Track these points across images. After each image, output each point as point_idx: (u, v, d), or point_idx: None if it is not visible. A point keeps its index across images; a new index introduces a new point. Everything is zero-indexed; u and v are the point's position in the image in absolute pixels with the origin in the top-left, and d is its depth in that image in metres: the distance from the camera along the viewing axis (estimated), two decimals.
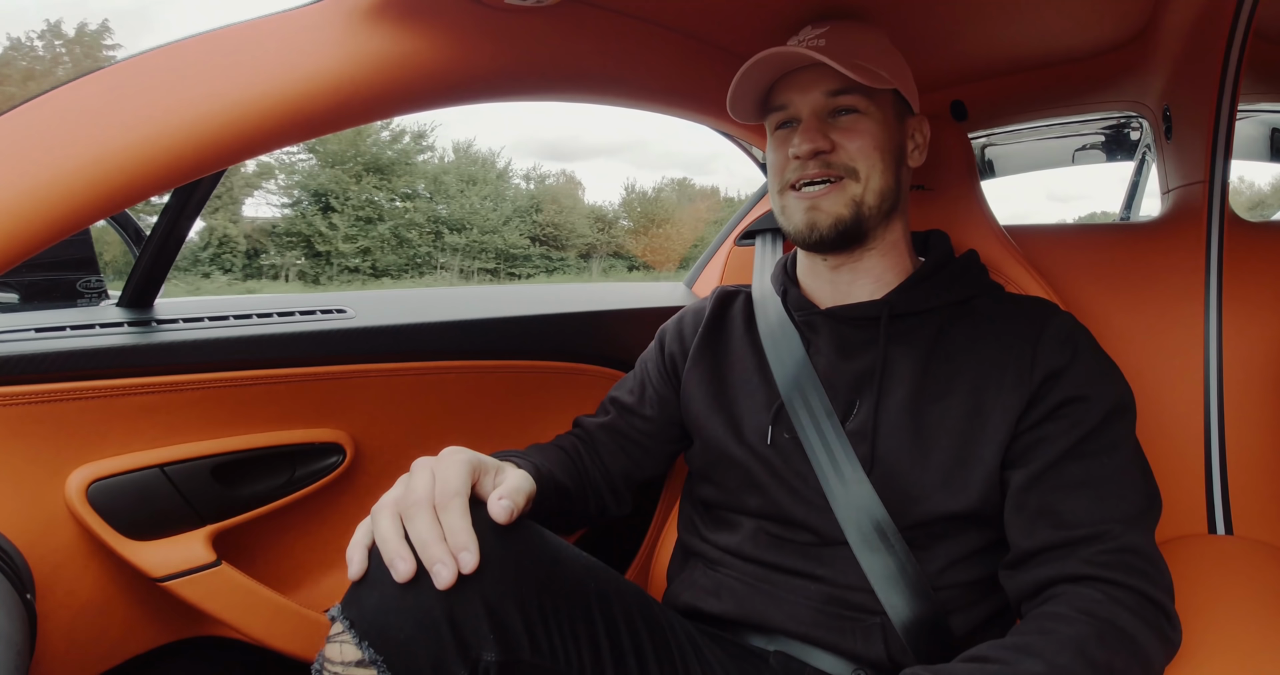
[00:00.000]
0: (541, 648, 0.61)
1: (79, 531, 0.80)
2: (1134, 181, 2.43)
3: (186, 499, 0.85)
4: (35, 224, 0.60)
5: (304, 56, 0.67)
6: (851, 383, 0.83)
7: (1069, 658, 0.59)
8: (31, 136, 0.61)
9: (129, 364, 0.80)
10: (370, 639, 0.56)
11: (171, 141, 0.63)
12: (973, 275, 0.88)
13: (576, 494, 0.87)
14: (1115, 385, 0.77)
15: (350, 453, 0.97)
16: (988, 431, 0.75)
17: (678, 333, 0.99)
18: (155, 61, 0.64)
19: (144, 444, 0.83)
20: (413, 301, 1.14)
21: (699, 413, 0.91)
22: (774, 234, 1.12)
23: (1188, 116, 1.16)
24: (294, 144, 0.70)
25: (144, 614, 0.86)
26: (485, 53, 0.78)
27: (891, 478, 0.77)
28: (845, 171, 0.82)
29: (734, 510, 0.88)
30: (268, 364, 0.89)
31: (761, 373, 0.89)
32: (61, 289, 2.41)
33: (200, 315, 0.90)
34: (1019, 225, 1.19)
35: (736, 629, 0.83)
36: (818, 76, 0.82)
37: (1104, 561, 0.66)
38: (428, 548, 0.57)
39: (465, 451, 0.65)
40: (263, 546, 0.94)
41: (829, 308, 0.88)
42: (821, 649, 0.78)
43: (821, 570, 0.79)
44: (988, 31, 1.07)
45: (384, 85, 0.71)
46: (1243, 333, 1.03)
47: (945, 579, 0.76)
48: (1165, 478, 0.77)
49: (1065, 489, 0.71)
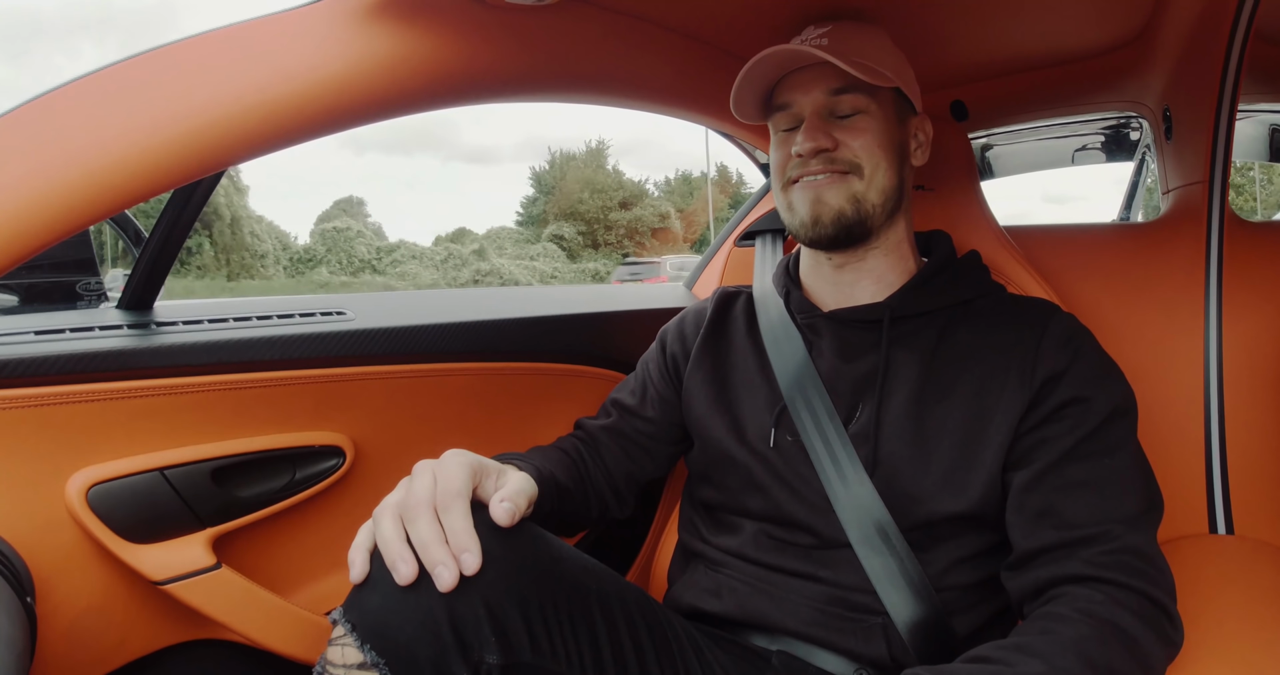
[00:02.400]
0: (543, 650, 0.61)
1: (79, 535, 0.79)
2: (1134, 182, 2.44)
3: (186, 502, 0.84)
4: (35, 226, 0.59)
5: (304, 56, 0.67)
6: (854, 385, 0.83)
7: (1070, 659, 0.59)
8: (31, 137, 0.60)
9: (128, 366, 0.80)
10: (372, 641, 0.56)
11: (171, 142, 0.63)
12: (975, 277, 0.88)
13: (578, 496, 0.87)
14: (1117, 386, 0.77)
15: (350, 455, 0.97)
16: (989, 433, 0.75)
17: (679, 334, 0.99)
18: (155, 62, 0.64)
19: (144, 447, 0.83)
20: (412, 303, 1.13)
21: (701, 414, 0.91)
22: (774, 235, 1.12)
23: (1188, 117, 1.16)
24: (294, 144, 0.70)
25: (144, 617, 0.86)
26: (485, 52, 0.78)
27: (893, 479, 0.77)
28: (849, 167, 0.82)
29: (735, 512, 0.87)
30: (268, 366, 0.89)
31: (764, 374, 0.89)
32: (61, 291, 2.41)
33: (200, 318, 0.89)
34: (1019, 225, 1.19)
35: (738, 629, 0.83)
36: (821, 75, 0.82)
37: (1105, 562, 0.66)
38: (429, 550, 0.57)
39: (466, 454, 0.65)
40: (263, 549, 0.94)
41: (831, 310, 0.88)
42: (824, 648, 0.77)
43: (823, 572, 0.79)
44: (988, 31, 1.07)
45: (384, 85, 0.71)
46: (1243, 333, 1.03)
47: (947, 580, 0.76)
48: (1165, 478, 0.77)
49: (1067, 489, 0.71)
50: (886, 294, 0.86)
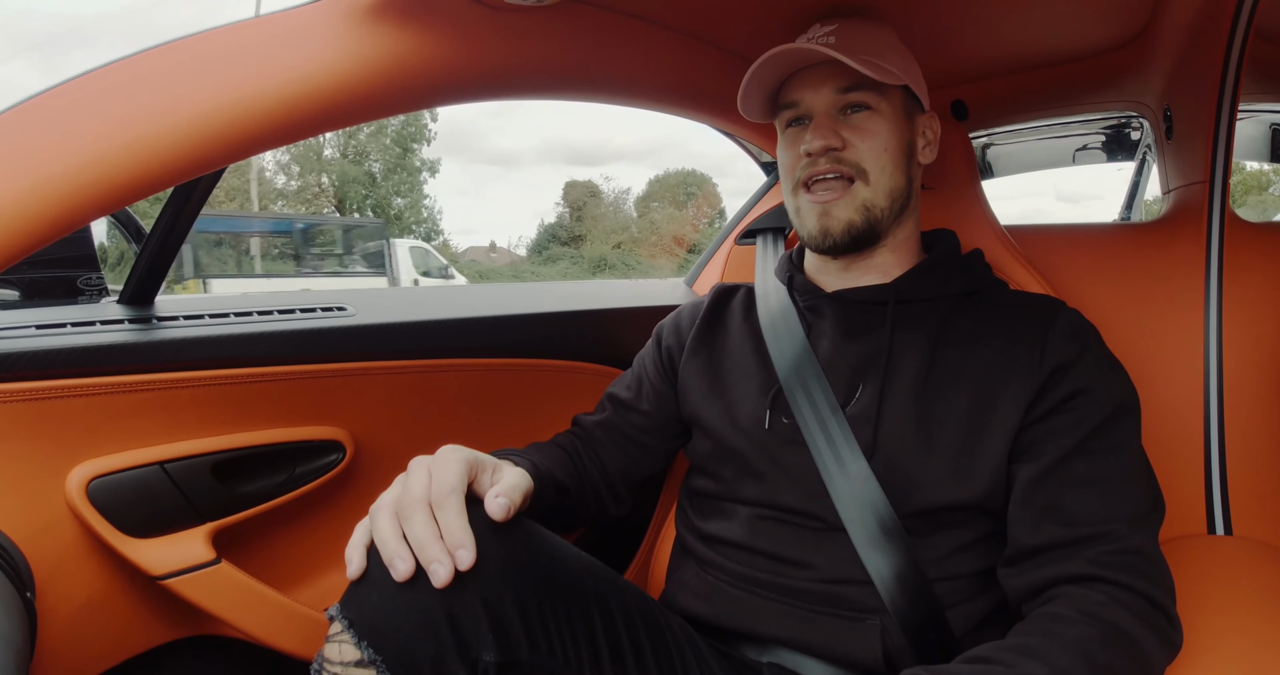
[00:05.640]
0: (540, 647, 0.61)
1: (79, 529, 0.80)
2: (1134, 181, 2.43)
3: (187, 496, 0.85)
4: (36, 221, 0.60)
5: (304, 56, 0.67)
6: (855, 366, 0.82)
7: (1071, 660, 0.59)
8: (32, 134, 0.61)
9: (129, 361, 0.80)
10: (369, 639, 0.56)
11: (172, 139, 0.63)
12: (978, 271, 0.88)
13: (575, 492, 0.87)
14: (1121, 384, 0.77)
15: (350, 450, 0.97)
16: (996, 421, 0.75)
17: (674, 328, 0.99)
18: (155, 59, 0.64)
19: (144, 441, 0.83)
20: (412, 299, 1.14)
21: (696, 404, 0.91)
22: (775, 233, 1.12)
23: (1188, 116, 1.16)
24: (293, 142, 0.70)
25: (144, 612, 0.86)
26: (485, 52, 0.78)
27: (894, 464, 0.76)
28: (855, 171, 0.82)
29: (730, 499, 0.86)
30: (268, 361, 0.89)
31: (759, 358, 0.89)
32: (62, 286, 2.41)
33: (200, 312, 0.90)
34: (1019, 225, 1.19)
35: (728, 638, 0.82)
36: (828, 73, 0.82)
37: (1108, 562, 0.66)
38: (424, 547, 0.57)
39: (462, 450, 0.65)
40: (262, 544, 0.94)
41: (835, 291, 0.88)
42: (816, 658, 0.77)
43: (817, 558, 0.78)
44: (989, 31, 1.07)
45: (384, 84, 0.71)
46: (1243, 333, 1.02)
47: (944, 569, 0.76)
48: (1165, 478, 0.77)
49: (1072, 486, 0.71)
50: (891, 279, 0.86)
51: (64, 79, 0.63)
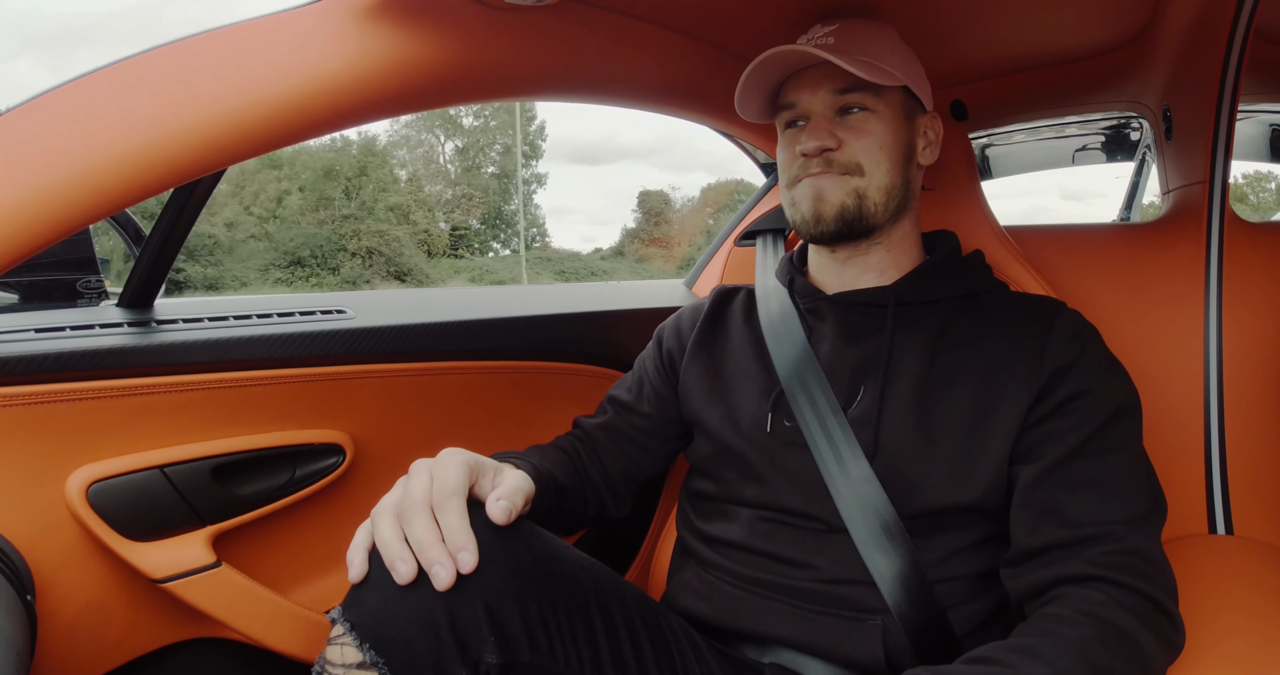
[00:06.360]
0: (541, 649, 0.61)
1: (79, 532, 0.80)
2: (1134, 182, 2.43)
3: (186, 500, 0.84)
4: (35, 224, 0.59)
5: (304, 56, 0.67)
6: (856, 368, 0.82)
7: (1072, 660, 0.59)
8: (31, 136, 0.61)
9: (129, 364, 0.80)
10: (371, 641, 0.56)
11: (171, 141, 0.63)
12: (978, 272, 0.88)
13: (576, 494, 0.87)
14: (1122, 385, 0.77)
15: (350, 453, 0.97)
16: (996, 424, 0.75)
17: (675, 330, 0.99)
18: (155, 61, 0.64)
19: (144, 444, 0.83)
20: (412, 302, 1.14)
21: (697, 406, 0.91)
22: (774, 235, 1.12)
23: (1188, 117, 1.16)
24: (294, 143, 0.70)
25: (144, 615, 0.86)
26: (485, 52, 0.78)
27: (895, 466, 0.76)
28: (850, 168, 0.82)
29: (731, 501, 0.86)
30: (268, 364, 0.89)
31: (760, 361, 0.89)
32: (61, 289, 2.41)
33: (200, 316, 0.89)
34: (1019, 225, 1.19)
35: (729, 639, 0.82)
36: (826, 74, 0.82)
37: (1108, 562, 0.66)
38: (426, 549, 0.57)
39: (463, 453, 0.65)
40: (263, 547, 0.94)
41: (835, 293, 0.88)
42: (817, 658, 0.77)
43: (818, 558, 0.78)
44: (988, 31, 1.07)
45: (384, 85, 0.71)
46: (1243, 333, 1.02)
47: (945, 570, 0.76)
48: (1165, 477, 0.77)
49: (1072, 487, 0.71)
50: (891, 281, 0.86)
51: (63, 80, 0.63)
